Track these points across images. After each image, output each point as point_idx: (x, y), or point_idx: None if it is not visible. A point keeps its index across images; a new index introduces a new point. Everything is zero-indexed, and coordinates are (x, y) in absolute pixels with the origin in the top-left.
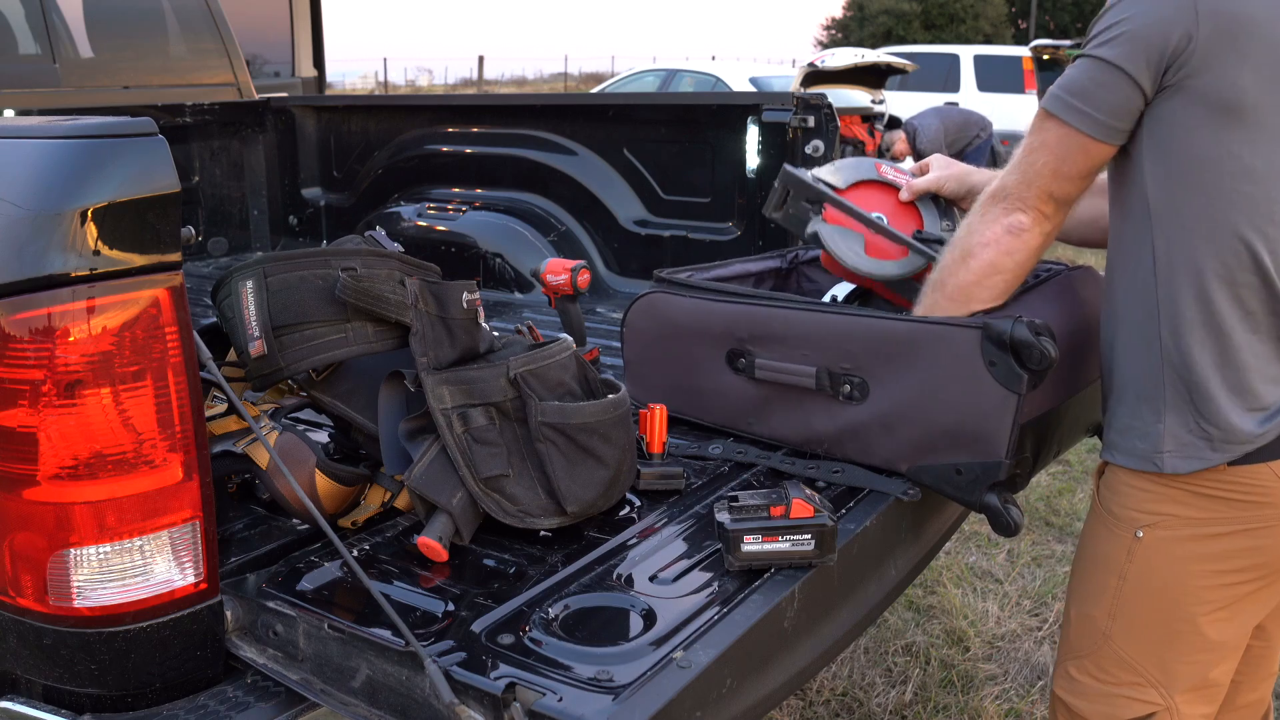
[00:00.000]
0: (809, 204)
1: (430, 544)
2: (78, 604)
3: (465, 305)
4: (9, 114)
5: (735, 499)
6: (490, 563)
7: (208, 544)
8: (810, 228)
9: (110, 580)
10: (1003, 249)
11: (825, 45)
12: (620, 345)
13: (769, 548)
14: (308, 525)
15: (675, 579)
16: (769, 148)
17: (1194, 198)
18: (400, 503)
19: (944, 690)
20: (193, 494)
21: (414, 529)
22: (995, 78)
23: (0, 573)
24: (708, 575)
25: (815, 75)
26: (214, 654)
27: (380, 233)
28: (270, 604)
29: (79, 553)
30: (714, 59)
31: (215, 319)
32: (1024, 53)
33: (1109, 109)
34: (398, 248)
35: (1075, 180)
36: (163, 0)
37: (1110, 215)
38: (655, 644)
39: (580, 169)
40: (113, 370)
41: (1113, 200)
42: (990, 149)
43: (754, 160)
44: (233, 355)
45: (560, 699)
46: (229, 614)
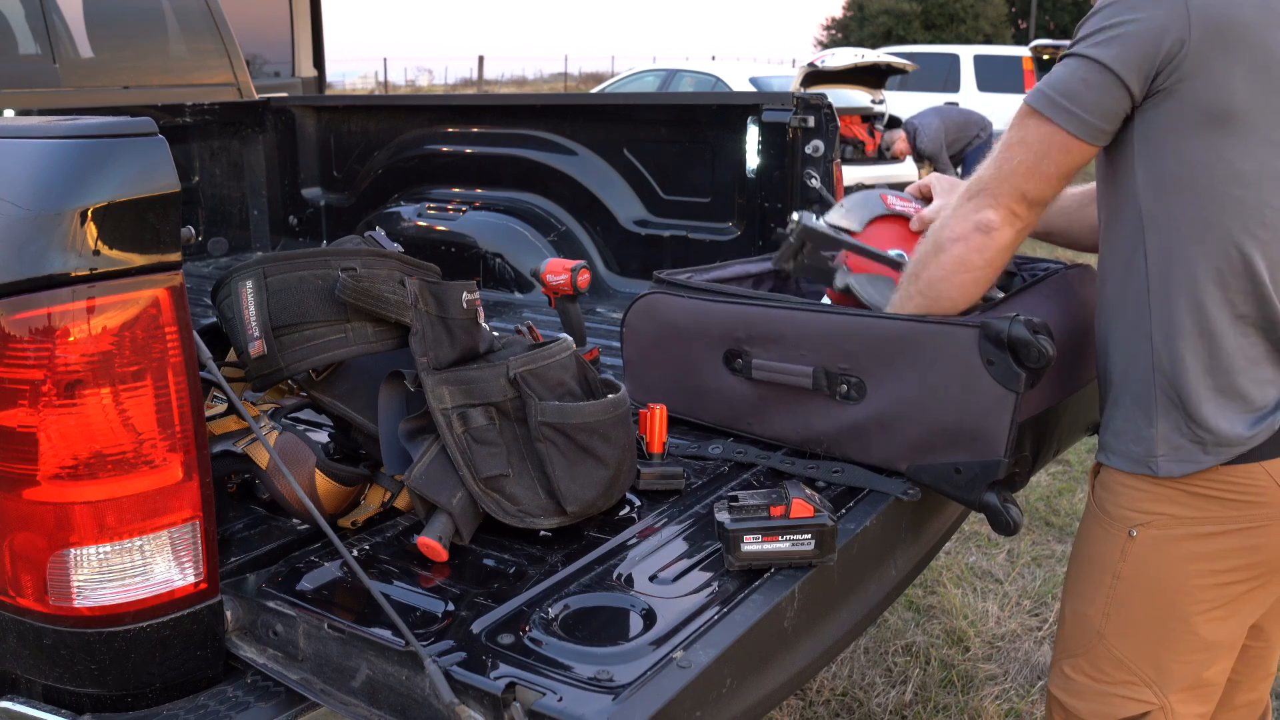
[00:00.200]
0: (827, 253)
1: (430, 544)
2: (78, 604)
3: (465, 305)
4: (9, 114)
5: (735, 499)
6: (490, 563)
7: (208, 544)
8: (840, 281)
9: (110, 580)
10: (972, 246)
11: (825, 45)
12: (620, 346)
13: (769, 548)
14: (308, 525)
15: (675, 579)
16: (769, 148)
17: (1186, 203)
18: (400, 503)
19: (944, 690)
20: (193, 494)
21: (414, 529)
22: (995, 78)
23: (0, 573)
24: (708, 575)
25: (815, 75)
26: (214, 654)
27: (380, 233)
28: (270, 604)
29: (79, 553)
30: (714, 59)
31: (215, 319)
32: (1024, 53)
33: (1096, 110)
34: (397, 248)
35: (1052, 180)
36: (163, 0)
37: (1101, 221)
38: (655, 644)
39: (580, 169)
40: (113, 370)
41: (1103, 206)
42: (990, 149)
43: (754, 160)
44: (233, 355)
45: (560, 699)
46: (229, 614)
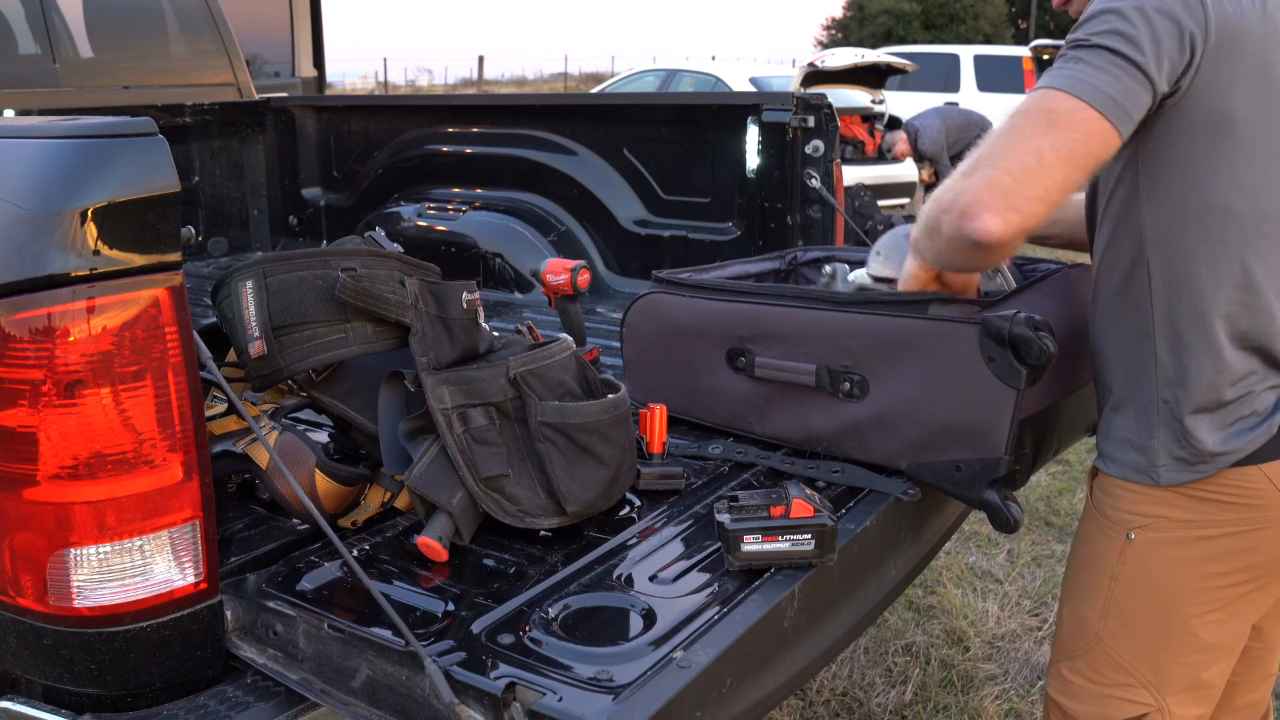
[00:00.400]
0: None
1: (430, 544)
2: (78, 604)
3: (465, 305)
4: (9, 114)
5: (735, 499)
6: (490, 563)
7: (208, 544)
8: None
9: (110, 580)
10: (972, 259)
11: (825, 45)
12: (620, 346)
13: (769, 548)
14: (308, 525)
15: (675, 579)
16: (769, 148)
17: (1188, 214)
18: (400, 503)
19: (944, 690)
20: (193, 494)
21: (414, 529)
22: (995, 78)
23: (0, 573)
24: (708, 575)
25: (815, 75)
26: (214, 654)
27: (380, 233)
28: (270, 604)
29: (79, 553)
30: (714, 59)
31: (215, 319)
32: (1024, 53)
33: (1135, 106)
34: (397, 248)
35: (1084, 174)
36: (163, 0)
37: (1097, 229)
38: (655, 644)
39: (580, 169)
40: (113, 370)
41: (1099, 215)
42: None
43: (754, 160)
44: (233, 355)
45: (560, 699)
46: (229, 614)
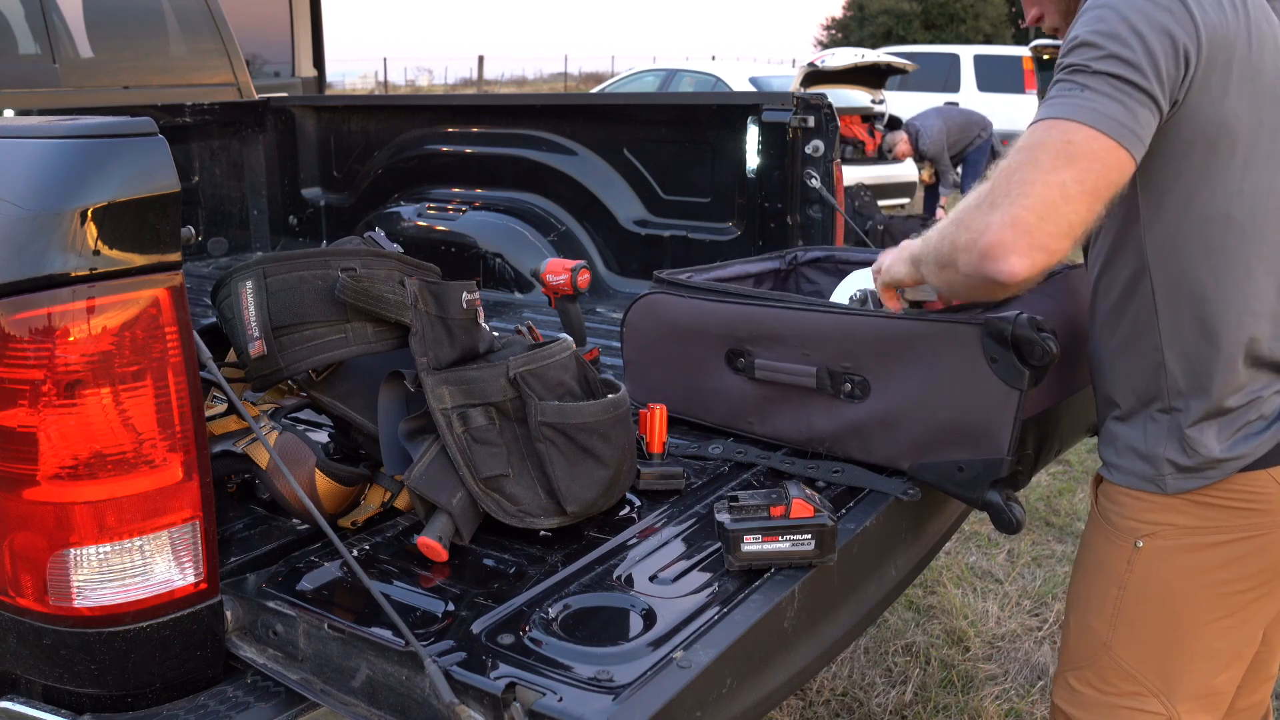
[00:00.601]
0: None
1: (430, 544)
2: (78, 604)
3: (465, 305)
4: (9, 114)
5: (735, 499)
6: (490, 563)
7: (208, 544)
8: None
9: (110, 580)
10: (988, 292)
11: (825, 45)
12: (620, 346)
13: (769, 548)
14: (308, 525)
15: (675, 579)
16: (769, 148)
17: (1189, 225)
18: (400, 503)
19: (944, 690)
20: (193, 494)
21: (414, 529)
22: (995, 78)
23: (0, 573)
24: (708, 575)
25: (815, 75)
26: (214, 654)
27: (379, 233)
28: (270, 604)
29: (79, 553)
30: (714, 59)
31: (215, 319)
32: (1024, 53)
33: (1146, 130)
34: (396, 248)
35: (1103, 204)
36: (163, 0)
37: (1095, 248)
38: (655, 644)
39: (580, 169)
40: (113, 370)
41: (1098, 234)
42: (990, 149)
43: (754, 160)
44: (233, 355)
45: (560, 699)
46: (229, 614)
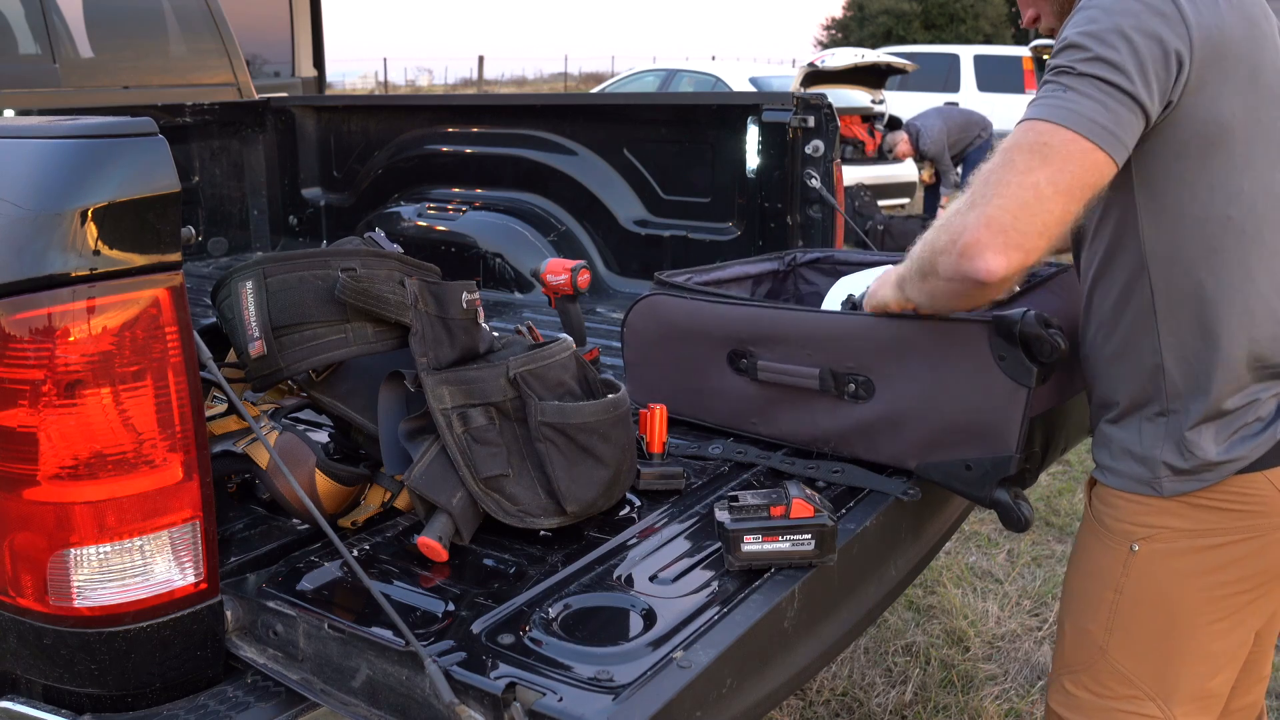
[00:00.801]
0: None
1: (430, 544)
2: (78, 604)
3: (465, 305)
4: (9, 114)
5: (735, 499)
6: (490, 563)
7: (208, 544)
8: None
9: (110, 580)
10: (972, 297)
11: (825, 45)
12: (620, 347)
13: (769, 548)
14: (308, 525)
15: (675, 579)
16: (769, 148)
17: (1187, 226)
18: (400, 503)
19: (944, 690)
20: (193, 494)
21: (414, 529)
22: (995, 78)
23: (0, 573)
24: (708, 575)
25: (815, 75)
26: (214, 654)
27: (379, 234)
28: (270, 604)
29: (79, 553)
30: (714, 59)
31: (215, 319)
32: (1024, 53)
33: (1129, 133)
34: (396, 248)
35: (1081, 206)
36: (163, 0)
37: (1089, 250)
38: (655, 644)
39: (580, 169)
40: (113, 370)
41: (1093, 237)
42: (990, 149)
43: (754, 160)
44: (233, 355)
45: (560, 699)
46: (229, 614)
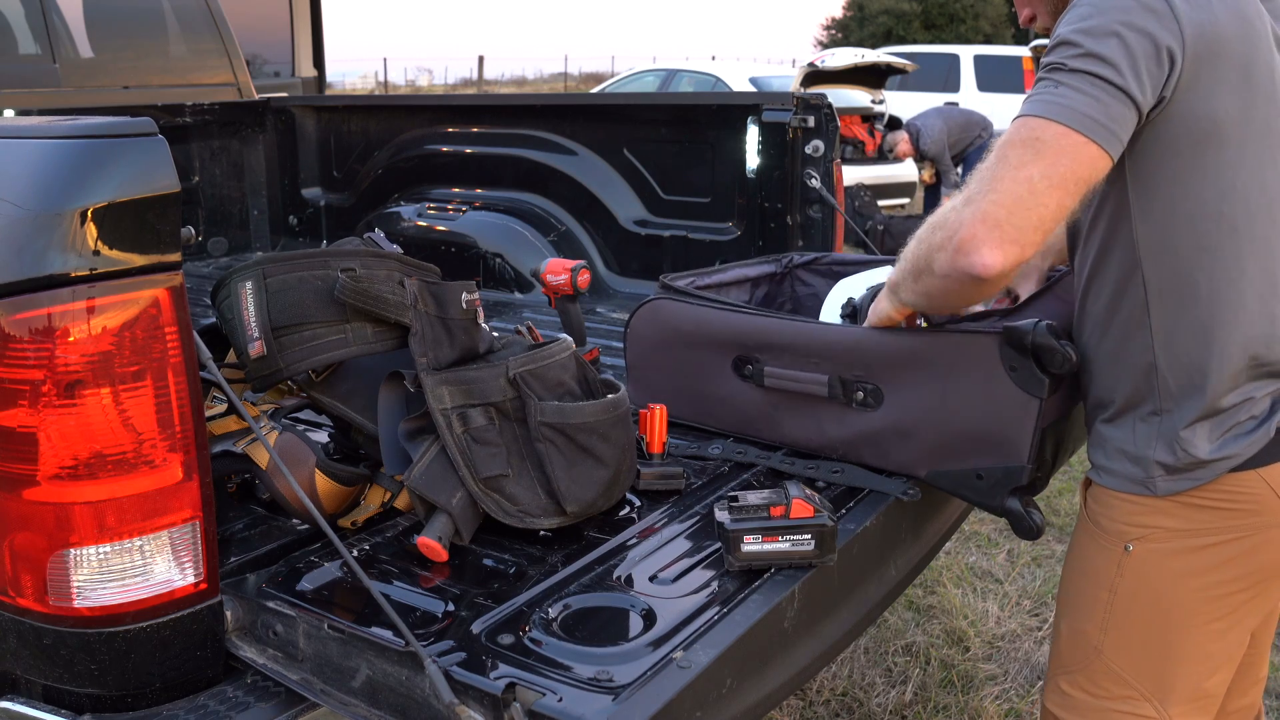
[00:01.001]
0: None
1: (430, 544)
2: (78, 604)
3: (465, 305)
4: (9, 114)
5: (735, 499)
6: (490, 563)
7: (208, 544)
8: None
9: (110, 580)
10: (968, 294)
11: (825, 45)
12: (623, 350)
13: (769, 548)
14: (308, 525)
15: (675, 579)
16: (769, 148)
17: (1184, 226)
18: (400, 503)
19: (944, 690)
20: (193, 494)
21: (414, 529)
22: (995, 78)
23: (0, 573)
24: (708, 575)
25: (815, 75)
26: (214, 654)
27: (379, 234)
28: (270, 604)
29: (79, 553)
30: (714, 59)
31: (215, 319)
32: (1024, 53)
33: (1123, 128)
34: (396, 249)
35: (1076, 199)
36: (163, 0)
37: (1083, 249)
38: (655, 644)
39: (580, 169)
40: (113, 370)
41: (1087, 235)
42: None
43: (754, 160)
44: (233, 356)
45: (560, 699)
46: (229, 614)
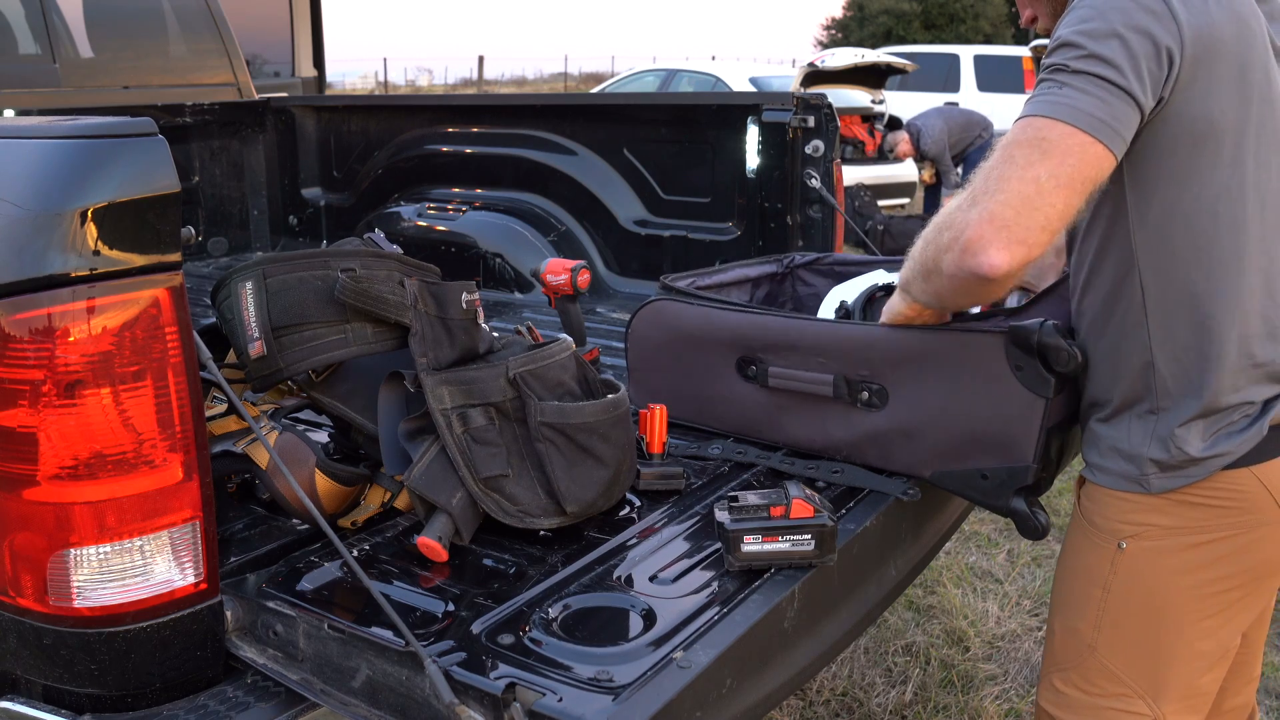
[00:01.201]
0: None
1: (430, 544)
2: (78, 604)
3: (465, 306)
4: (9, 114)
5: (735, 499)
6: (490, 563)
7: (208, 544)
8: None
9: (110, 580)
10: (975, 294)
11: (825, 45)
12: (625, 350)
13: (769, 548)
14: (308, 525)
15: (675, 579)
16: (769, 148)
17: (1180, 226)
18: (400, 503)
19: (944, 690)
20: (193, 494)
21: (414, 529)
22: (995, 78)
23: (0, 573)
24: (708, 575)
25: (815, 75)
26: (214, 654)
27: (379, 235)
28: (270, 604)
29: (79, 553)
30: (714, 59)
31: (215, 319)
32: (1024, 53)
33: (1126, 128)
34: (396, 249)
35: (1082, 198)
36: (163, 0)
37: (1080, 248)
38: (655, 644)
39: (580, 169)
40: (113, 370)
41: (1084, 234)
42: (990, 149)
43: (754, 160)
44: (233, 356)
45: (560, 699)
46: (229, 614)
